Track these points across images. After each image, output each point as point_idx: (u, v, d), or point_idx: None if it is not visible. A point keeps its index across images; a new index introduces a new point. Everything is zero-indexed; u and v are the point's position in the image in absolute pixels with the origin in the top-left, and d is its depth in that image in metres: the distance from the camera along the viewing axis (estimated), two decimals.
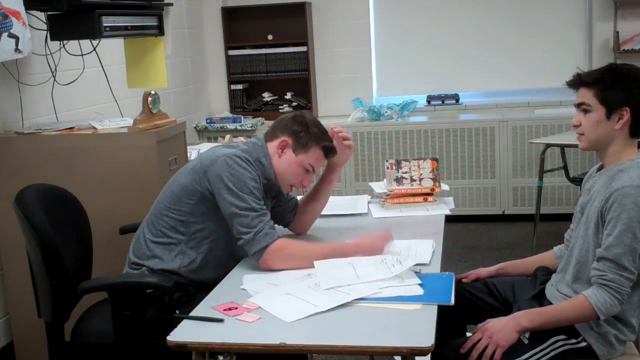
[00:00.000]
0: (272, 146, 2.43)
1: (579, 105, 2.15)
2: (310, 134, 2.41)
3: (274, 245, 2.22)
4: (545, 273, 2.36)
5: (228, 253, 2.39)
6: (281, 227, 2.63)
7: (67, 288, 2.31)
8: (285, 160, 2.41)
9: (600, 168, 2.20)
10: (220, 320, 1.87)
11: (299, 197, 2.70)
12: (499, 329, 2.00)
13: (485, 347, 1.99)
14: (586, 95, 2.12)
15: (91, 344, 2.35)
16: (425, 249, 2.33)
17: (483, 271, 2.49)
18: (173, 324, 1.89)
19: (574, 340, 2.06)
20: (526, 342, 2.03)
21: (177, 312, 2.23)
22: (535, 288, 2.31)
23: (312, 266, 2.20)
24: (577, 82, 2.14)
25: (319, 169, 2.49)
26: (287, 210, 2.61)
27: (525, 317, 2.02)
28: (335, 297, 1.96)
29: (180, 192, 2.36)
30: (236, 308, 1.94)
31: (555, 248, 2.44)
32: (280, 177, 2.44)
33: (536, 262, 2.44)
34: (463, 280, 2.47)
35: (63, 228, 2.41)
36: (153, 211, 2.44)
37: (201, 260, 2.37)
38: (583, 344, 2.06)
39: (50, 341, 2.37)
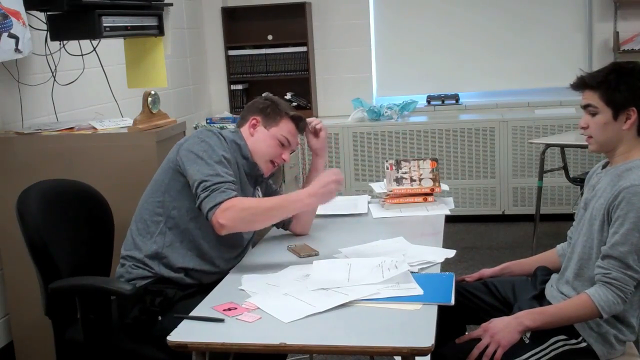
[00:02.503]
0: (245, 129, 2.48)
1: (585, 107, 2.15)
2: (277, 108, 2.47)
3: (227, 203, 2.18)
4: (545, 273, 2.36)
5: (205, 234, 2.35)
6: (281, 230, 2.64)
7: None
8: (258, 137, 2.45)
9: (606, 165, 2.20)
10: (221, 320, 1.87)
11: None
12: (501, 329, 2.00)
13: (487, 347, 1.99)
14: (592, 98, 2.11)
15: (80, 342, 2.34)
16: (435, 257, 2.31)
17: (487, 271, 2.49)
18: (154, 328, 1.88)
19: (574, 341, 2.06)
20: (527, 342, 2.03)
21: (160, 318, 2.21)
22: (535, 288, 2.31)
23: (267, 222, 2.25)
24: (581, 84, 2.14)
25: (296, 145, 2.51)
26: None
27: (527, 317, 2.02)
28: (333, 298, 1.96)
29: (158, 176, 2.39)
30: (236, 308, 1.94)
31: (558, 246, 2.43)
32: (258, 155, 2.45)
33: (539, 261, 2.44)
34: (467, 279, 2.47)
35: (64, 225, 2.40)
36: (139, 204, 2.45)
37: (180, 240, 2.34)
38: (583, 344, 2.06)
39: (56, 339, 2.37)
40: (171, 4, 3.57)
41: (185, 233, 2.34)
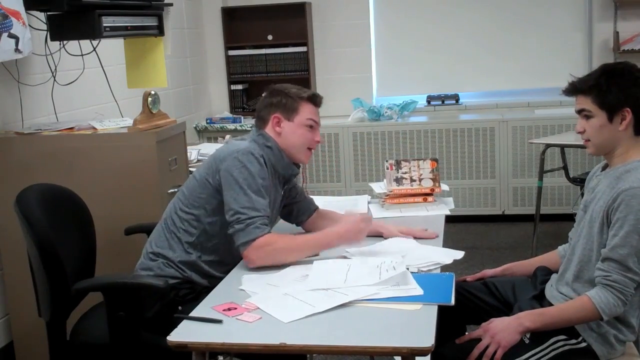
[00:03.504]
0: (269, 129, 2.45)
1: (579, 112, 2.15)
2: (290, 96, 2.46)
3: (260, 241, 2.21)
4: (545, 273, 2.36)
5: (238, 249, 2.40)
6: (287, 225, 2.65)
7: (65, 288, 2.31)
8: (286, 132, 2.44)
9: (605, 167, 2.20)
10: (219, 321, 1.87)
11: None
12: (501, 329, 2.00)
13: (487, 347, 1.99)
14: (585, 102, 2.11)
15: (89, 343, 2.35)
16: (443, 258, 2.30)
17: (488, 272, 2.49)
18: (175, 322, 1.89)
19: (574, 341, 2.06)
20: (527, 342, 2.03)
21: (180, 308, 2.24)
22: (535, 288, 2.31)
23: (295, 260, 2.24)
24: (573, 90, 2.14)
25: (319, 120, 2.50)
26: (302, 211, 2.62)
27: (527, 318, 2.02)
28: (333, 298, 1.96)
29: (195, 187, 2.39)
30: (235, 308, 1.94)
31: (560, 248, 2.43)
32: (293, 149, 2.45)
33: (541, 262, 2.43)
34: (468, 280, 2.47)
35: (64, 228, 2.41)
36: (171, 206, 2.46)
37: (212, 253, 2.38)
38: (583, 344, 2.06)
39: (51, 341, 2.37)
40: (171, 4, 3.57)
41: (217, 246, 2.38)
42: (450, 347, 2.10)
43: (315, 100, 2.49)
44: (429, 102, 5.80)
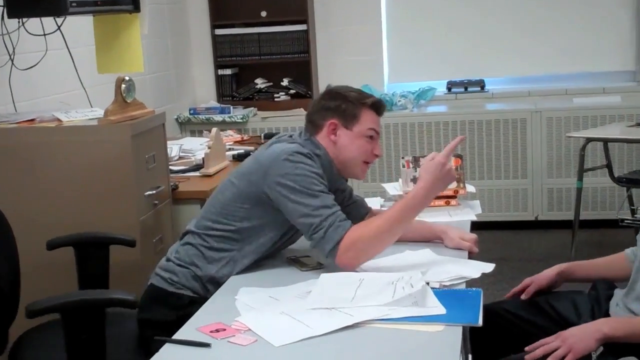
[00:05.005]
0: (322, 137, 2.47)
1: None
2: (350, 101, 2.47)
3: (346, 241, 2.25)
4: (607, 287, 2.32)
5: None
6: None
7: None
8: (343, 142, 2.46)
9: None
10: (207, 345, 1.87)
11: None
12: (576, 334, 1.98)
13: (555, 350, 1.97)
14: None
15: None
16: (470, 272, 2.30)
17: (542, 280, 2.41)
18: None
19: None
20: (594, 358, 1.99)
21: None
22: (599, 306, 2.26)
23: (393, 241, 2.32)
24: None
25: (380, 130, 2.52)
26: (351, 215, 2.58)
27: (607, 324, 2.00)
28: (335, 319, 1.95)
29: (234, 198, 2.41)
30: (224, 329, 1.94)
31: (627, 250, 2.38)
32: (349, 162, 2.48)
33: (606, 265, 2.39)
34: (522, 297, 2.40)
35: None
36: (205, 211, 2.50)
37: (244, 268, 2.42)
38: None
39: None
40: None
41: (253, 263, 2.43)
42: None
43: (379, 108, 2.52)
44: (449, 89, 5.79)
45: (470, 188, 3.01)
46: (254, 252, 2.42)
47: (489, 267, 2.34)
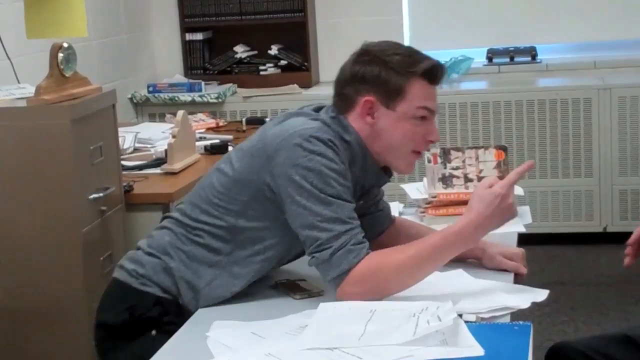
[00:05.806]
0: (354, 117, 2.40)
1: None
2: (392, 68, 2.37)
3: (360, 269, 2.23)
4: None
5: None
6: None
7: None
8: (383, 125, 2.39)
9: None
10: None
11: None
12: None
13: None
14: None
15: None
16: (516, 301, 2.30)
17: None
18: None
19: None
20: None
21: (153, 332, 2.34)
22: None
23: (421, 279, 2.28)
24: None
25: (436, 107, 2.45)
26: (373, 226, 2.60)
27: None
28: None
29: (228, 185, 2.39)
30: None
31: None
32: (392, 153, 2.43)
33: None
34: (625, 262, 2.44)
35: None
36: (189, 203, 2.49)
37: (247, 281, 2.41)
38: None
39: None
40: None
41: (259, 271, 2.43)
42: None
43: (435, 76, 2.42)
44: (490, 59, 5.84)
45: (518, 190, 3.00)
46: (248, 261, 2.39)
47: (541, 295, 2.33)
